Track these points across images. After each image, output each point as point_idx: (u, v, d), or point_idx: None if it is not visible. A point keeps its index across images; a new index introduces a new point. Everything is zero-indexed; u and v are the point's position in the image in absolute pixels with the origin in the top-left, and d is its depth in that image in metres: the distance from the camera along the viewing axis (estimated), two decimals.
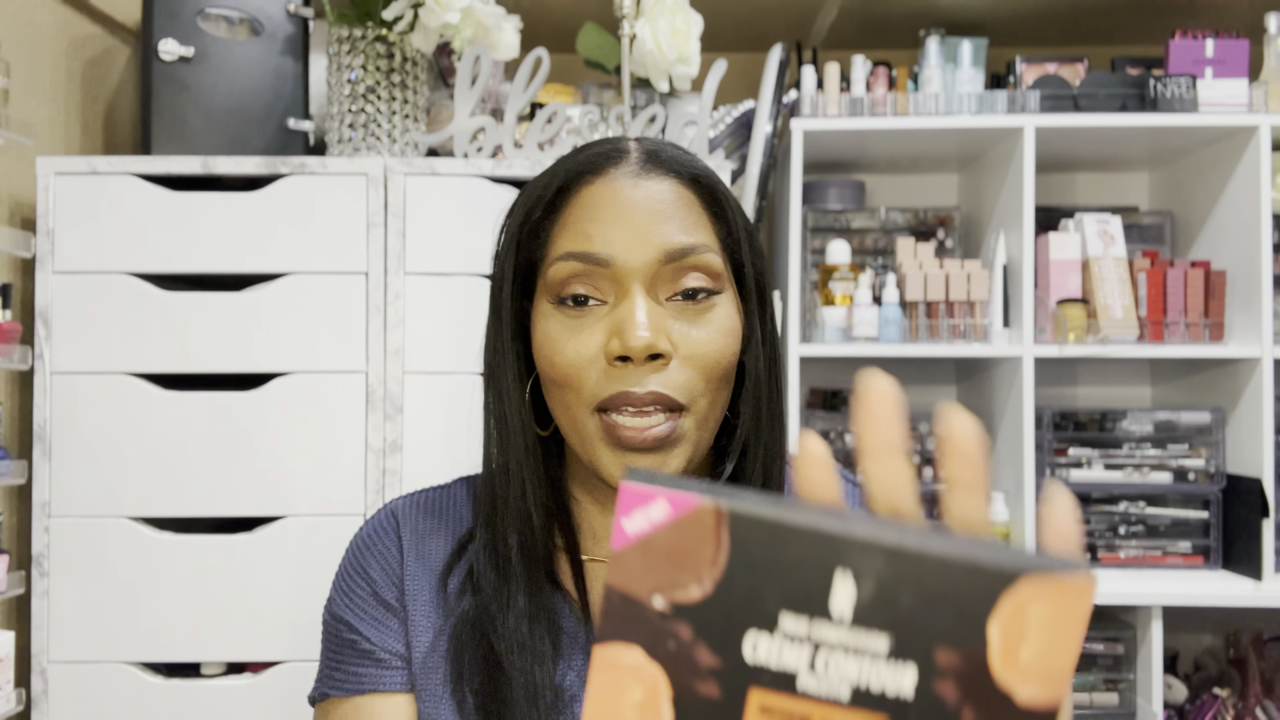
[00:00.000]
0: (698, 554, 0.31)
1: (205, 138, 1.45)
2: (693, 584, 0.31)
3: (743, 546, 0.31)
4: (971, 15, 1.88)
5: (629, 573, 0.31)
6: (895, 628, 0.30)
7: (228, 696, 1.34)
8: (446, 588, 0.75)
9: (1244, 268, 1.69)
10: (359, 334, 1.37)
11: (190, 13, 1.44)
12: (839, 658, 0.30)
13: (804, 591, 0.30)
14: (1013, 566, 0.29)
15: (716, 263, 0.70)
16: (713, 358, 0.68)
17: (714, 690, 0.31)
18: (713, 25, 1.79)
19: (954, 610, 0.30)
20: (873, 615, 0.30)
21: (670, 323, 0.68)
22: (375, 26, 1.45)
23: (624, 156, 0.72)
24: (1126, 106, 1.71)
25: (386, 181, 1.38)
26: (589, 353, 0.68)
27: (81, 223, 1.36)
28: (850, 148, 1.87)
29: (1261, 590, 1.60)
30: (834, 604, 0.30)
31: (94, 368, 1.35)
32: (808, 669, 0.31)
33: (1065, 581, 0.29)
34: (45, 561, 1.34)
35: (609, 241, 0.68)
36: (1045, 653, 0.30)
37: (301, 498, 1.35)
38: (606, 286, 0.69)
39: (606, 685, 0.32)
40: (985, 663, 0.30)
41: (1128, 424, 1.75)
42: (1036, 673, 0.30)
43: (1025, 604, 0.29)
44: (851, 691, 0.31)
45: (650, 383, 0.67)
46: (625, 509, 0.31)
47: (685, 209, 0.70)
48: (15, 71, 1.39)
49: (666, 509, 0.31)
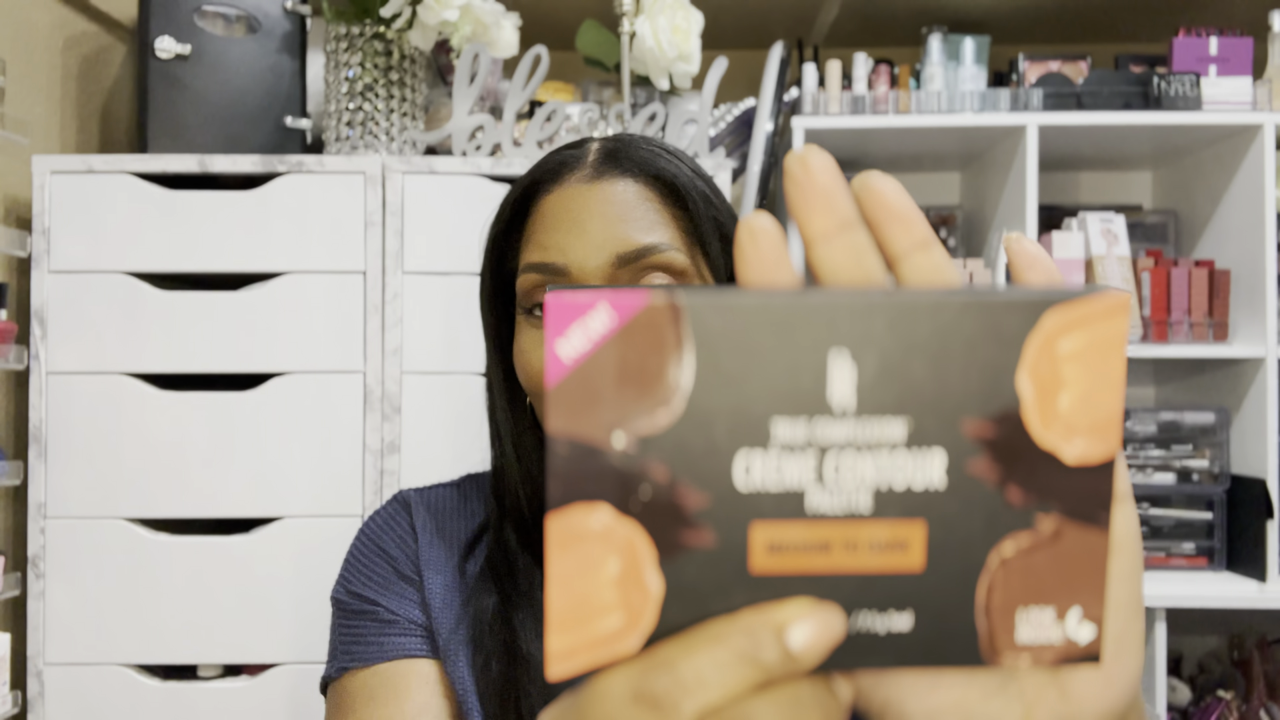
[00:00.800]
0: (657, 367, 0.25)
1: (202, 136, 1.44)
2: (658, 407, 0.25)
3: (711, 347, 0.25)
4: (974, 13, 1.87)
5: (575, 410, 0.25)
6: (911, 407, 0.25)
7: (225, 699, 1.33)
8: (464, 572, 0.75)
9: (1248, 267, 1.68)
10: (357, 333, 1.36)
11: (187, 10, 1.43)
12: (851, 459, 0.25)
13: (795, 386, 0.25)
14: (1031, 301, 0.25)
15: (678, 260, 0.69)
16: None
17: (708, 538, 0.25)
18: (713, 22, 1.78)
19: (975, 368, 0.25)
20: (882, 397, 0.25)
21: None
22: (373, 24, 1.44)
23: (580, 161, 0.72)
24: (1130, 105, 1.69)
25: (384, 180, 1.37)
26: None
27: (77, 222, 1.35)
28: (852, 146, 1.85)
29: (1266, 592, 1.59)
30: (833, 394, 0.25)
31: (90, 368, 1.34)
32: (816, 482, 0.25)
33: (1095, 303, 0.25)
34: (41, 563, 1.33)
35: (564, 250, 0.68)
36: (1087, 396, 0.25)
37: (299, 498, 1.35)
38: None
39: (572, 564, 0.25)
40: (1021, 424, 0.25)
41: (1131, 424, 1.74)
42: (1082, 423, 0.25)
43: (1054, 342, 0.25)
44: (874, 498, 0.25)
45: None
46: (557, 327, 0.24)
47: (642, 208, 0.69)
48: (11, 69, 1.38)
49: (609, 316, 0.24)
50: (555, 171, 0.72)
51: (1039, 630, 0.27)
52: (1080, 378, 0.25)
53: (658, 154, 0.72)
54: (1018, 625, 0.27)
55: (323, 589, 1.32)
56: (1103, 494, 0.26)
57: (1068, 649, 0.27)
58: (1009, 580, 0.26)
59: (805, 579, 0.26)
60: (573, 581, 0.25)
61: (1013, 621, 0.27)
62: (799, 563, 0.26)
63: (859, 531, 0.26)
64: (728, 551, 0.25)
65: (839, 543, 0.26)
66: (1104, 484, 0.26)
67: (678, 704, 0.25)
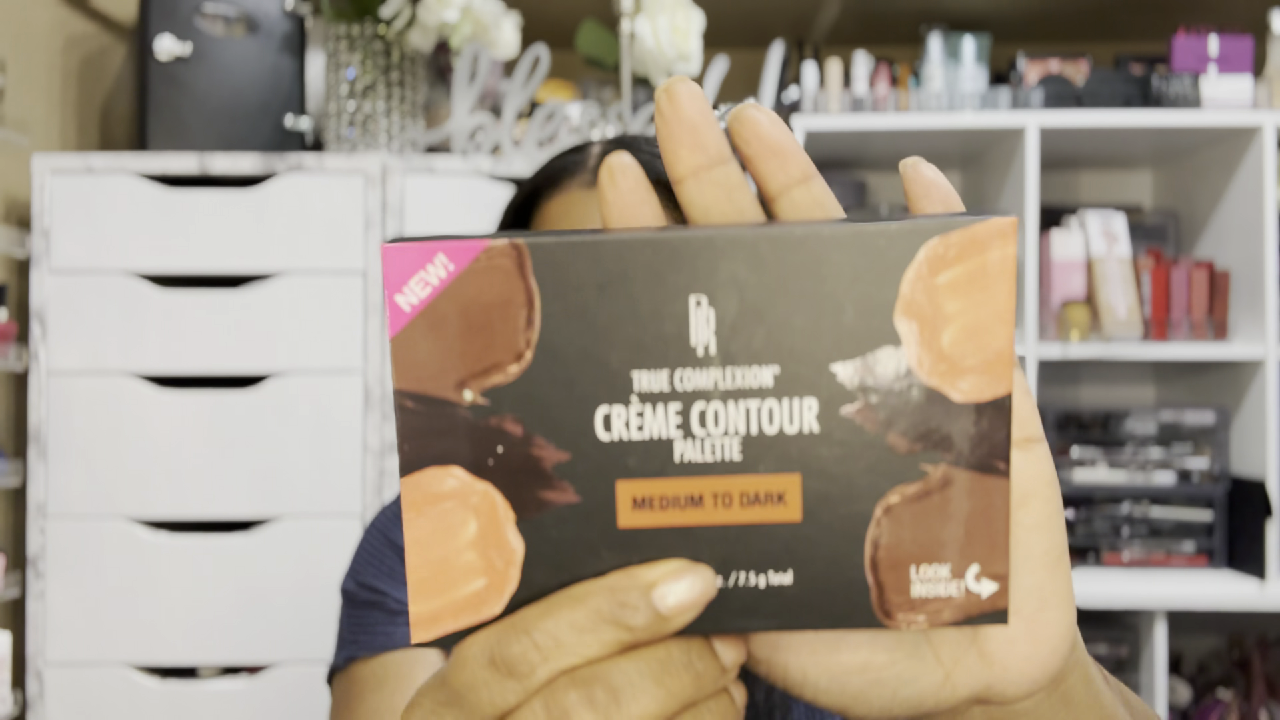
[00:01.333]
0: (503, 315, 0.23)
1: (202, 135, 1.44)
2: (506, 358, 0.23)
3: (561, 292, 0.23)
4: (974, 12, 1.87)
5: (419, 364, 0.23)
6: (779, 351, 0.23)
7: (224, 699, 1.33)
8: None
9: (1248, 267, 1.68)
10: (356, 333, 1.36)
11: (187, 10, 1.43)
12: (718, 408, 0.24)
13: (654, 333, 0.23)
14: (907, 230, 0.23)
15: None
16: None
17: (569, 495, 0.24)
18: (713, 22, 1.78)
19: (848, 306, 0.23)
20: (747, 341, 0.23)
21: None
22: (373, 24, 1.44)
23: (581, 165, 0.71)
24: (1130, 104, 1.69)
25: (384, 179, 1.37)
26: None
27: (77, 221, 1.35)
28: (852, 146, 1.85)
29: (1266, 592, 1.59)
30: (695, 340, 0.23)
31: (90, 367, 1.34)
32: (682, 434, 0.24)
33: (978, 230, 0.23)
34: (41, 563, 1.33)
35: None
36: (973, 332, 0.23)
37: (298, 498, 1.34)
38: None
39: (428, 528, 0.24)
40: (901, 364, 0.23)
41: (1131, 424, 1.74)
42: (969, 361, 0.24)
43: (934, 274, 0.23)
44: (744, 448, 0.24)
45: None
46: (395, 280, 0.23)
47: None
48: (11, 69, 1.38)
49: (447, 264, 0.23)
50: (555, 177, 0.72)
51: (933, 587, 0.25)
52: (965, 311, 0.23)
53: (659, 156, 0.72)
54: (911, 582, 0.25)
55: (322, 589, 1.32)
56: (998, 439, 0.24)
57: (968, 606, 0.25)
58: (898, 534, 0.24)
59: (676, 533, 0.24)
60: (431, 546, 0.24)
61: (906, 578, 0.25)
62: (668, 518, 0.24)
63: (730, 483, 0.24)
64: (591, 509, 0.24)
65: (709, 496, 0.24)
66: (999, 428, 0.24)
67: (533, 667, 0.24)
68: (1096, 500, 1.73)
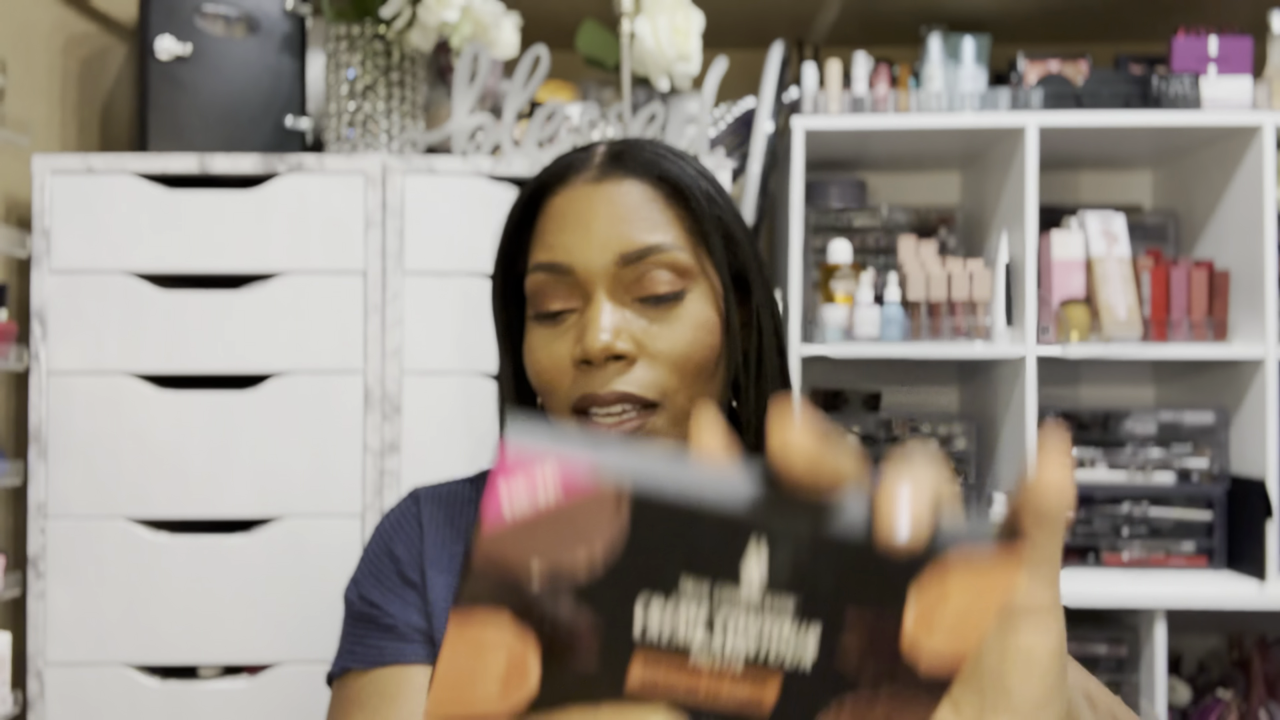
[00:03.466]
0: (590, 530, 0.27)
1: (202, 136, 1.44)
2: (581, 557, 0.27)
3: (645, 525, 0.27)
4: (974, 12, 1.87)
5: (504, 542, 0.27)
6: (806, 588, 0.28)
7: (224, 699, 1.33)
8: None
9: (1248, 267, 1.68)
10: (357, 334, 1.36)
11: (187, 10, 1.43)
12: (740, 616, 0.28)
13: (711, 558, 0.27)
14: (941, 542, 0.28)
15: (682, 259, 0.71)
16: (682, 353, 0.70)
17: (592, 661, 0.28)
18: (713, 22, 1.78)
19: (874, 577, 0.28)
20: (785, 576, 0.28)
21: (636, 322, 0.70)
22: (373, 24, 1.44)
23: (587, 162, 0.73)
24: (1129, 104, 1.69)
25: (384, 180, 1.37)
26: (560, 359, 0.71)
27: (78, 221, 1.35)
28: (852, 146, 1.85)
29: (1266, 592, 1.59)
30: (745, 568, 0.28)
31: (90, 367, 1.34)
32: (704, 630, 0.28)
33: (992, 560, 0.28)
34: (41, 563, 1.33)
35: (569, 249, 0.70)
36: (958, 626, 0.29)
37: (299, 499, 1.35)
38: (574, 293, 0.71)
39: (464, 653, 0.27)
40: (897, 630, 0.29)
41: (1131, 424, 1.74)
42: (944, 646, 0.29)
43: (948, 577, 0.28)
44: (750, 656, 0.28)
45: (615, 383, 0.69)
46: (508, 483, 0.26)
47: (646, 208, 0.71)
48: (11, 69, 1.38)
49: (557, 487, 0.26)
50: (562, 173, 0.74)
51: None
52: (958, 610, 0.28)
53: (663, 155, 0.74)
54: None
55: (322, 589, 1.32)
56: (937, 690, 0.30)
57: None
58: None
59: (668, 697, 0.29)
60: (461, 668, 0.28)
61: None
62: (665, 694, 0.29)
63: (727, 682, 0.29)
64: (607, 674, 0.28)
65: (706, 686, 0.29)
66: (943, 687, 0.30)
67: None
68: (1096, 500, 1.73)
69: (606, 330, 0.68)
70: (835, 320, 1.72)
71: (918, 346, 1.68)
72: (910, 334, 1.71)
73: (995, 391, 1.81)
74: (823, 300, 1.75)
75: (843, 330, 1.72)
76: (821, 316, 1.73)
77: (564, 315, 0.72)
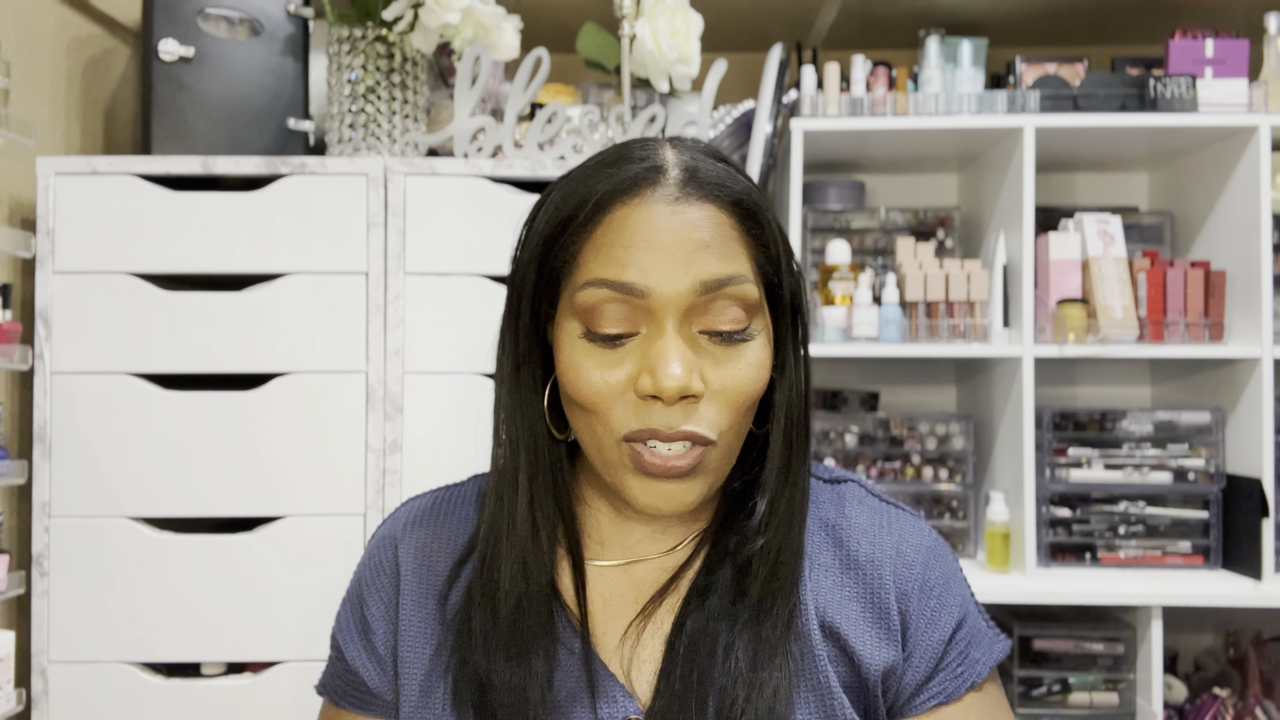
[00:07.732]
0: None
1: (205, 138, 1.45)
2: None
3: None
4: (971, 15, 1.88)
5: None
6: None
7: (228, 696, 1.34)
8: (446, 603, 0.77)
9: (1244, 268, 1.69)
10: (359, 334, 1.37)
11: (190, 13, 1.44)
12: None
13: None
14: None
15: (752, 292, 0.68)
16: (742, 392, 0.68)
17: None
18: (713, 25, 1.79)
19: None
20: None
21: (702, 360, 0.68)
22: (375, 26, 1.45)
23: (662, 176, 0.69)
24: (1126, 106, 1.71)
25: (386, 181, 1.38)
26: (617, 384, 0.67)
27: (81, 223, 1.36)
28: (850, 148, 1.86)
29: (1261, 590, 1.60)
30: None
31: (94, 368, 1.35)
32: None
33: None
34: (45, 561, 1.34)
35: (644, 271, 0.66)
36: None
37: (301, 498, 1.35)
38: (638, 317, 0.67)
39: None
40: None
41: (1127, 424, 1.75)
42: None
43: None
44: None
45: (680, 422, 0.66)
46: None
47: (723, 236, 0.68)
48: (15, 71, 1.39)
49: None
50: (632, 184, 0.68)
51: None
52: None
53: (732, 174, 0.71)
54: None
55: (325, 588, 1.33)
56: None
57: None
58: None
59: None
60: None
61: None
62: None
63: None
64: None
65: None
66: None
67: None
68: (1093, 499, 1.74)
69: (681, 371, 0.65)
70: (834, 321, 1.73)
71: (916, 347, 1.69)
72: (908, 334, 1.72)
73: (992, 391, 1.82)
74: (821, 301, 1.76)
75: (841, 330, 1.73)
76: (820, 317, 1.74)
77: (623, 340, 0.68)
